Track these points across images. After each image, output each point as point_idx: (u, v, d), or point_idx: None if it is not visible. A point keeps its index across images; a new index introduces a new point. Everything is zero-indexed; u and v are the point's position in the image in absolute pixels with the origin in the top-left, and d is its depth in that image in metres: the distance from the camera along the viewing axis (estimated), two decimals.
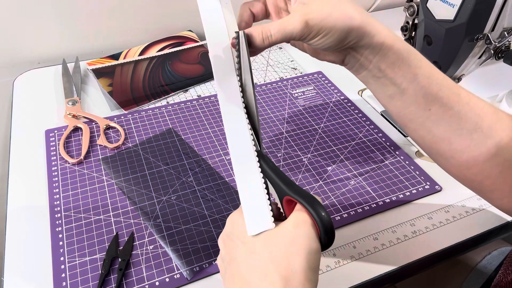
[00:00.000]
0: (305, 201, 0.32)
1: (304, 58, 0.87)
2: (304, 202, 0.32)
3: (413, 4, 0.61)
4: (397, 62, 0.37)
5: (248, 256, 0.32)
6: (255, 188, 0.34)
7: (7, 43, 0.79)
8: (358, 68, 0.40)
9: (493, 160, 0.38)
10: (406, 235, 0.52)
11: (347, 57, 0.39)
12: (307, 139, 0.66)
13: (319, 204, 0.32)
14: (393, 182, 0.59)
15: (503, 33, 0.56)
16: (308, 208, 0.32)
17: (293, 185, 0.34)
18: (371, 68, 0.39)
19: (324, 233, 0.31)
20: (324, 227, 0.31)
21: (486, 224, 0.54)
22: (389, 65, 0.38)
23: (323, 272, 0.48)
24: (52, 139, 0.64)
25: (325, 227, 0.31)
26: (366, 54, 0.38)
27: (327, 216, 0.31)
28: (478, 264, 0.65)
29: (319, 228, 0.31)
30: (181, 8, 0.89)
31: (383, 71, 0.38)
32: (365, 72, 0.39)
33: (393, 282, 0.51)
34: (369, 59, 0.38)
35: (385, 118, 0.71)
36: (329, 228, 0.31)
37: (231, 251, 0.34)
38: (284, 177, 0.34)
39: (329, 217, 0.31)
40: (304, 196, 0.33)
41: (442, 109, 0.38)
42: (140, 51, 0.85)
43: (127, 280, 0.46)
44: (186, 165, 0.60)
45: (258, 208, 0.33)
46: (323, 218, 0.31)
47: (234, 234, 0.34)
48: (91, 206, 0.54)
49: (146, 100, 0.73)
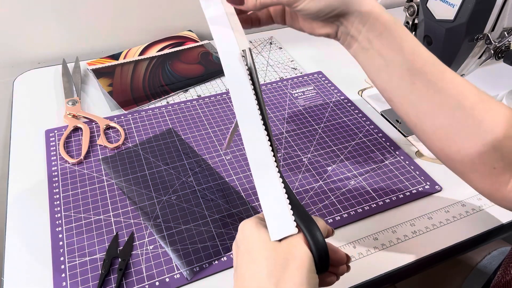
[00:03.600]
0: (304, 226, 0.33)
1: (304, 58, 0.87)
2: (302, 226, 0.33)
3: (413, 4, 0.61)
4: (384, 33, 0.39)
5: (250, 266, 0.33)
6: (276, 193, 0.34)
7: (7, 43, 0.79)
8: (350, 40, 0.41)
9: (474, 140, 0.38)
10: (406, 235, 0.52)
11: (340, 29, 0.41)
12: (307, 139, 0.66)
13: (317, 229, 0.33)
14: (393, 182, 0.59)
15: (503, 33, 0.56)
16: (305, 234, 0.33)
17: (297, 206, 0.34)
18: (361, 39, 0.40)
19: (318, 258, 0.32)
20: (318, 253, 0.32)
21: (486, 224, 0.54)
22: (376, 35, 0.39)
23: None
24: (52, 139, 0.64)
25: (319, 252, 0.32)
26: (356, 23, 0.40)
27: (322, 242, 0.32)
28: (478, 264, 0.65)
29: (313, 253, 0.32)
30: (181, 8, 0.89)
31: (371, 42, 0.40)
32: (356, 45, 0.41)
33: (393, 282, 0.51)
34: (359, 29, 0.40)
35: (385, 118, 0.71)
36: (323, 254, 0.32)
37: (237, 258, 0.35)
38: (291, 196, 0.35)
39: (324, 243, 0.32)
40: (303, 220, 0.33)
41: (426, 85, 0.39)
42: (140, 51, 0.85)
43: (127, 280, 0.46)
44: (186, 165, 0.60)
45: (280, 213, 0.33)
46: (318, 244, 0.32)
47: (241, 242, 0.35)
48: (91, 206, 0.54)
49: (146, 100, 0.73)
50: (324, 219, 0.53)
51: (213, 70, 0.81)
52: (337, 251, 0.38)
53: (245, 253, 0.34)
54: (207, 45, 0.88)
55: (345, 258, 0.38)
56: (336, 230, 0.52)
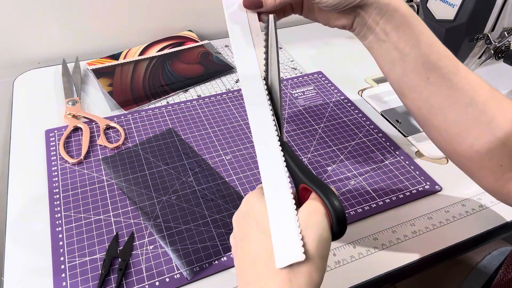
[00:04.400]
0: (320, 190, 0.32)
1: (304, 58, 0.87)
2: (319, 191, 0.33)
3: (413, 4, 0.61)
4: (402, 26, 0.39)
5: (259, 236, 0.33)
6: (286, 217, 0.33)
7: (7, 43, 0.79)
8: (366, 32, 0.41)
9: (484, 136, 0.38)
10: (406, 235, 0.52)
11: (356, 20, 0.41)
12: (307, 139, 0.66)
13: (333, 194, 0.32)
14: (393, 182, 0.59)
15: (503, 33, 0.56)
16: (322, 197, 0.32)
17: (309, 173, 0.34)
18: (378, 31, 0.40)
19: (336, 222, 0.32)
20: (336, 217, 0.31)
21: (486, 224, 0.54)
22: (394, 27, 0.39)
23: None
24: (52, 139, 0.64)
25: (338, 216, 0.31)
26: (373, 15, 0.39)
27: (340, 206, 0.32)
28: (478, 264, 0.65)
29: (332, 218, 0.32)
30: (181, 8, 0.89)
31: (388, 34, 0.39)
32: (371, 36, 0.41)
33: (393, 282, 0.51)
34: (376, 21, 0.39)
35: (385, 118, 0.71)
36: (341, 218, 0.32)
37: (244, 229, 0.34)
38: (302, 165, 0.34)
39: (342, 207, 0.32)
40: (319, 185, 0.33)
41: (440, 79, 0.39)
42: (140, 51, 0.85)
43: (127, 280, 0.46)
44: (186, 165, 0.60)
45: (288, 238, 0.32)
46: (336, 208, 0.31)
47: (248, 214, 0.34)
48: (91, 206, 0.54)
49: (146, 100, 0.73)
50: None
51: (213, 70, 0.81)
52: None
53: (254, 225, 0.33)
54: (207, 45, 0.88)
55: None
56: None
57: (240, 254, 0.34)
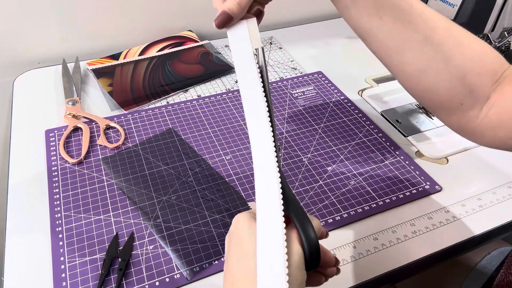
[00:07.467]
0: (298, 222, 0.33)
1: (304, 58, 0.87)
2: (297, 223, 0.33)
3: None
4: None
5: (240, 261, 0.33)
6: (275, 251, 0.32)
7: (7, 43, 0.79)
8: None
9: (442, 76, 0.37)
10: (406, 235, 0.52)
11: None
12: (307, 139, 0.66)
13: (311, 227, 0.32)
14: (393, 182, 0.59)
15: (503, 33, 0.56)
16: (299, 230, 0.33)
17: (294, 202, 0.34)
18: None
19: (309, 255, 0.32)
20: (310, 250, 0.32)
21: (486, 224, 0.54)
22: None
23: None
24: (52, 139, 0.64)
25: (311, 250, 0.32)
26: None
27: (315, 239, 0.32)
28: (478, 264, 0.65)
29: (305, 250, 0.32)
30: (181, 8, 0.89)
31: None
32: None
33: (393, 282, 0.51)
34: None
35: (385, 118, 0.71)
36: (314, 252, 0.32)
37: (229, 249, 0.35)
38: (288, 191, 0.34)
39: (316, 241, 0.32)
40: (299, 216, 0.33)
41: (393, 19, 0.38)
42: (140, 51, 0.85)
43: (127, 280, 0.46)
44: (186, 165, 0.60)
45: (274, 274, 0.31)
46: (310, 241, 0.32)
47: (233, 234, 0.35)
48: (91, 206, 0.54)
49: (146, 100, 0.73)
50: (324, 219, 0.53)
51: (213, 70, 0.81)
52: (327, 253, 0.38)
53: (236, 245, 0.34)
54: (207, 45, 0.88)
55: (334, 261, 0.38)
56: (336, 230, 0.53)
57: (225, 272, 0.34)
